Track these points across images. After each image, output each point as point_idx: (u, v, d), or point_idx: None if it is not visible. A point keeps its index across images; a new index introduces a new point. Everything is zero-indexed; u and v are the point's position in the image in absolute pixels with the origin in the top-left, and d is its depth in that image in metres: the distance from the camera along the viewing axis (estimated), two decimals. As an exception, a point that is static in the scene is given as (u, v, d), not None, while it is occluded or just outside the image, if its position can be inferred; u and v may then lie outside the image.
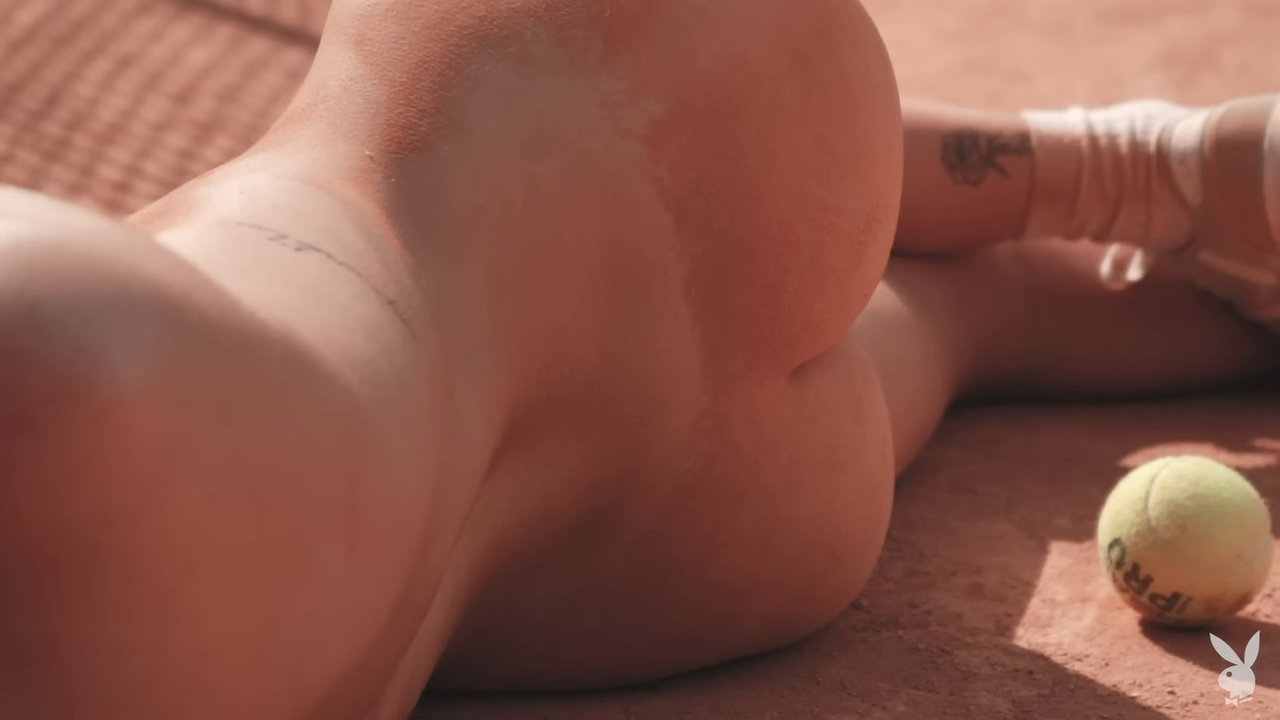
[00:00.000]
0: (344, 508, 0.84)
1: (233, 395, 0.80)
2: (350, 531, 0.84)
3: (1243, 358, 1.50)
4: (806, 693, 1.12)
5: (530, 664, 1.09)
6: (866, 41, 1.09)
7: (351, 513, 0.84)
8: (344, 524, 0.84)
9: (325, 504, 0.83)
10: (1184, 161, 1.41)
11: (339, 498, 0.84)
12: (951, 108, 1.45)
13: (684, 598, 1.08)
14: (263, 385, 0.82)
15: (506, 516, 1.02)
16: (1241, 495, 1.18)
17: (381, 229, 0.95)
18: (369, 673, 0.89)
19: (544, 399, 1.01)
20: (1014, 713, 1.11)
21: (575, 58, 1.03)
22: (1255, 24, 2.52)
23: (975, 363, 1.46)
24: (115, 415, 0.77)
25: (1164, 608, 1.18)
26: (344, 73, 1.02)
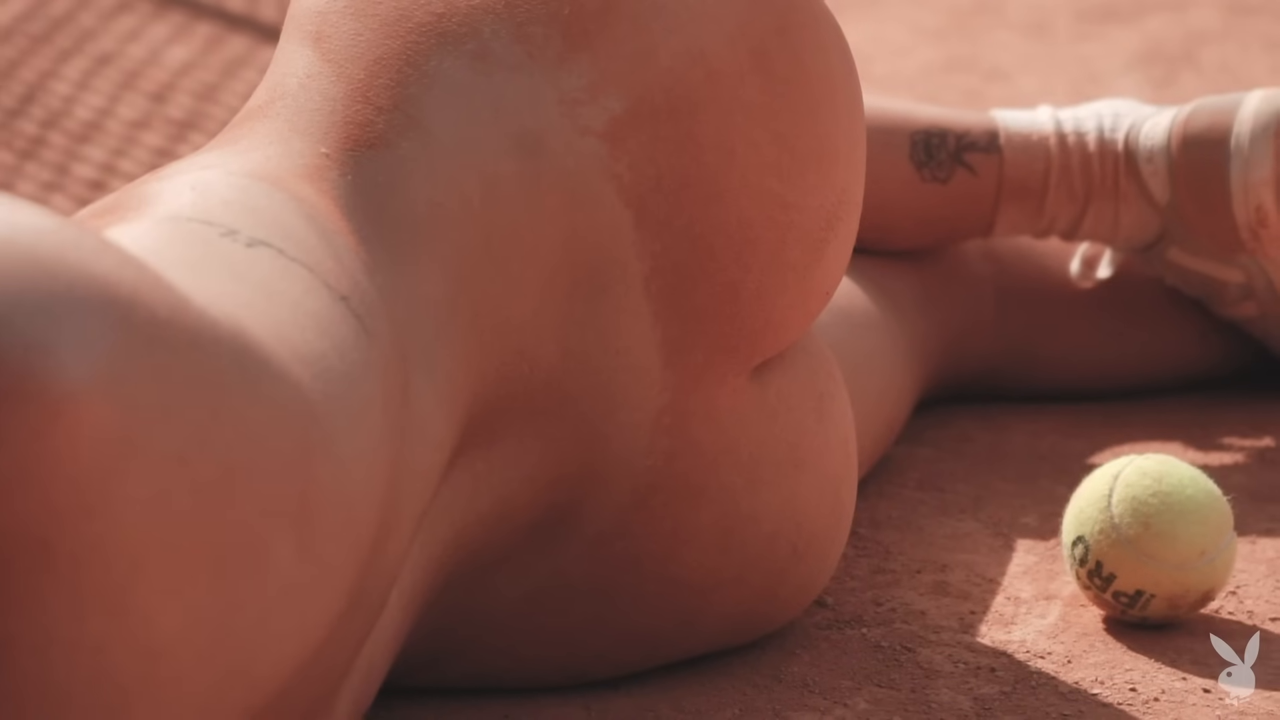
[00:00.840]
0: (295, 505, 0.84)
1: (182, 392, 0.80)
2: (302, 529, 0.84)
3: (1212, 355, 1.50)
4: (769, 690, 1.12)
5: (491, 662, 1.08)
6: (828, 39, 1.09)
7: (303, 510, 0.84)
8: (295, 521, 0.84)
9: (276, 501, 0.83)
10: (1151, 160, 1.41)
11: (290, 495, 0.84)
12: (920, 105, 1.45)
13: (645, 595, 1.08)
14: (213, 382, 0.82)
15: (465, 514, 1.02)
16: (1204, 493, 1.18)
17: (336, 225, 0.95)
18: (322, 670, 0.89)
19: (503, 396, 1.01)
20: (975, 710, 1.11)
21: (534, 55, 1.03)
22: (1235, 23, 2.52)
23: (945, 360, 1.46)
24: (64, 413, 0.76)
25: (1127, 605, 1.18)
26: (301, 70, 1.02)
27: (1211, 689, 1.13)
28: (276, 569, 0.83)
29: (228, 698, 0.83)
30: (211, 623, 0.81)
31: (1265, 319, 1.45)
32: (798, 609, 1.15)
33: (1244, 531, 1.30)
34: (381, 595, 0.93)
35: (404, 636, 1.01)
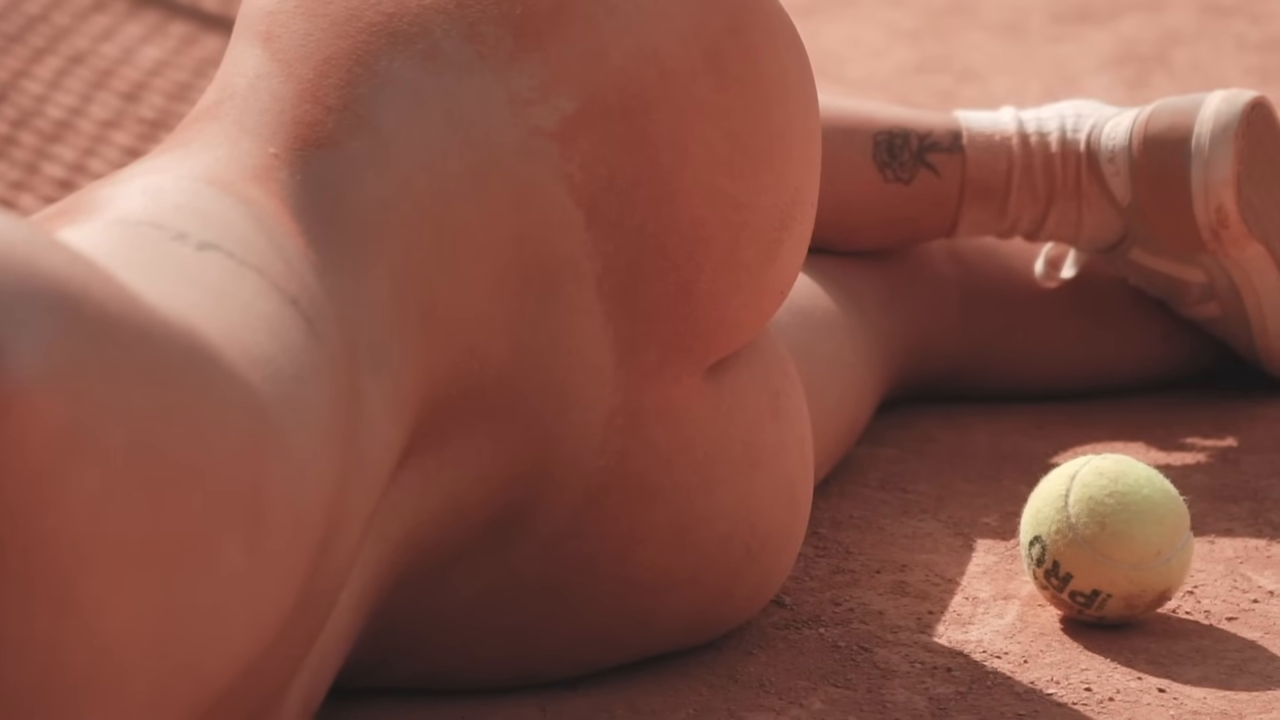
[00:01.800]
0: (245, 504, 0.84)
1: (132, 389, 0.80)
2: (251, 527, 0.84)
3: (1176, 356, 1.50)
4: (724, 690, 1.12)
5: (445, 662, 1.08)
6: (781, 39, 1.09)
7: (253, 509, 0.84)
8: (245, 520, 0.84)
9: (226, 499, 0.83)
10: (1113, 160, 1.41)
11: (240, 493, 0.84)
12: (883, 106, 1.45)
13: (599, 595, 1.08)
14: (163, 379, 0.82)
15: (417, 513, 1.02)
16: (1161, 493, 1.18)
17: (285, 227, 0.95)
18: (271, 669, 0.89)
19: (454, 396, 1.01)
20: (930, 710, 1.11)
21: (485, 55, 1.03)
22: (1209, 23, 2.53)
23: (909, 361, 1.46)
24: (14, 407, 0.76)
25: (1084, 605, 1.18)
26: (251, 70, 1.02)
27: (1166, 689, 1.13)
28: (226, 566, 0.83)
29: (177, 693, 0.83)
30: (161, 619, 0.81)
31: (1227, 319, 1.45)
32: (754, 609, 1.15)
33: (1203, 531, 1.30)
34: (331, 595, 0.93)
35: (355, 636, 1.01)
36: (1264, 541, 1.29)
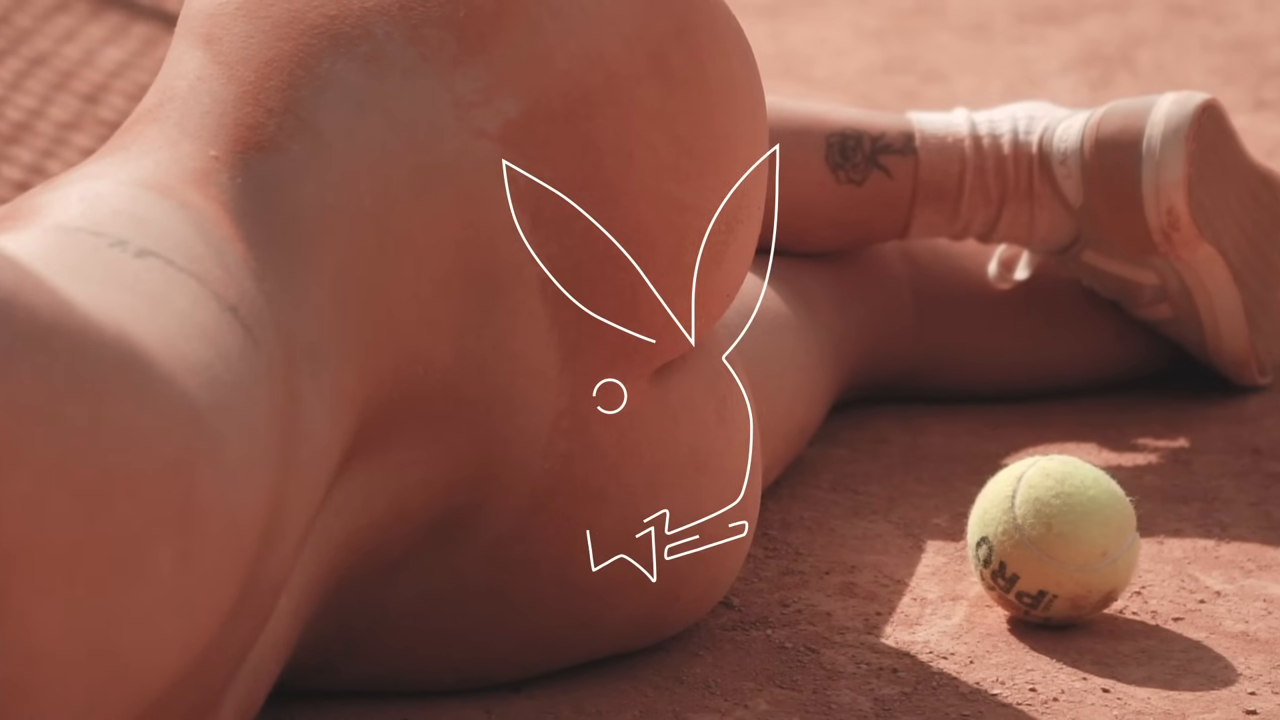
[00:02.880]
0: (178, 512, 0.84)
1: (63, 395, 0.80)
2: (184, 534, 0.84)
3: (1130, 357, 1.50)
4: (670, 692, 1.12)
5: (390, 664, 1.08)
6: (728, 42, 1.09)
7: (185, 517, 0.84)
8: (178, 527, 0.84)
9: (158, 507, 0.83)
10: (1065, 162, 1.41)
11: (173, 501, 0.84)
12: (836, 107, 1.45)
13: (544, 598, 1.08)
14: (95, 386, 0.82)
15: (360, 517, 1.02)
16: (1107, 494, 1.19)
17: (224, 232, 0.95)
18: (206, 676, 0.89)
19: (397, 400, 1.01)
20: (875, 710, 1.11)
21: (429, 57, 1.03)
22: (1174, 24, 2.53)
23: (862, 362, 1.46)
24: None
25: (1030, 606, 1.18)
26: (192, 72, 1.02)
27: (1111, 689, 1.13)
28: (158, 575, 0.83)
29: (110, 700, 0.83)
30: (91, 627, 0.81)
31: (1180, 321, 1.46)
32: (700, 612, 1.16)
33: (1153, 532, 1.31)
34: (268, 601, 0.93)
35: (295, 640, 1.01)
36: (1213, 542, 1.30)
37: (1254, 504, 1.34)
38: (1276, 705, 1.12)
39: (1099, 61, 2.40)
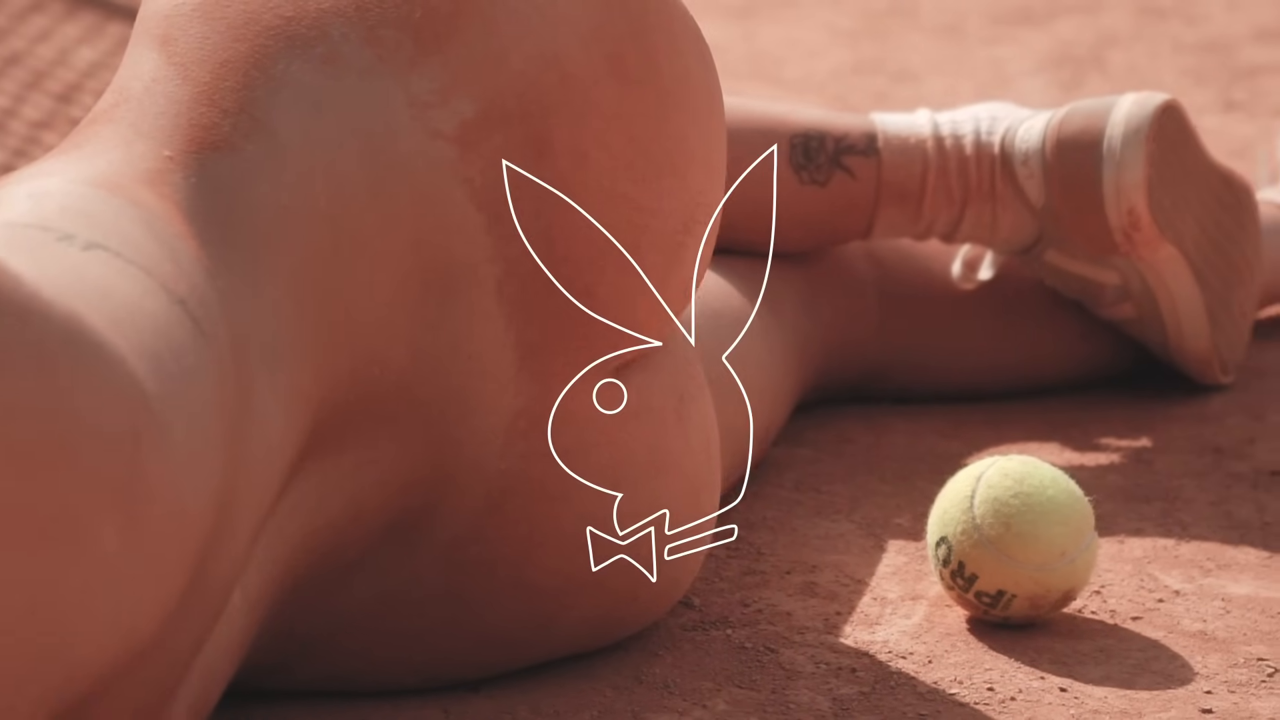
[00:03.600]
0: (121, 489, 0.84)
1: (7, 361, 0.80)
2: (127, 514, 0.84)
3: (1094, 357, 1.51)
4: (629, 691, 1.13)
5: (348, 665, 1.09)
6: (685, 43, 1.09)
7: (129, 495, 0.84)
8: (121, 505, 0.84)
9: (100, 481, 0.83)
10: (1027, 163, 1.42)
11: (116, 478, 0.83)
12: (800, 108, 1.46)
13: (501, 599, 1.08)
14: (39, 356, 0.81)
15: (315, 516, 1.02)
16: (1065, 494, 1.19)
17: (176, 229, 0.95)
18: (154, 672, 0.89)
19: (353, 400, 1.01)
20: (833, 710, 1.11)
21: (385, 58, 1.03)
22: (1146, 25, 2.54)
23: (826, 362, 1.47)
24: None
25: (989, 605, 1.19)
26: (147, 73, 1.02)
27: (1068, 688, 1.14)
28: (98, 550, 0.83)
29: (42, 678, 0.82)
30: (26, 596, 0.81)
31: (1142, 320, 1.46)
32: (659, 612, 1.16)
33: (1113, 531, 1.31)
34: (219, 597, 0.94)
35: (250, 640, 1.01)
36: (1173, 541, 1.30)
37: (1215, 503, 1.35)
38: (1232, 704, 1.12)
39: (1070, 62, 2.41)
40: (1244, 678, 1.15)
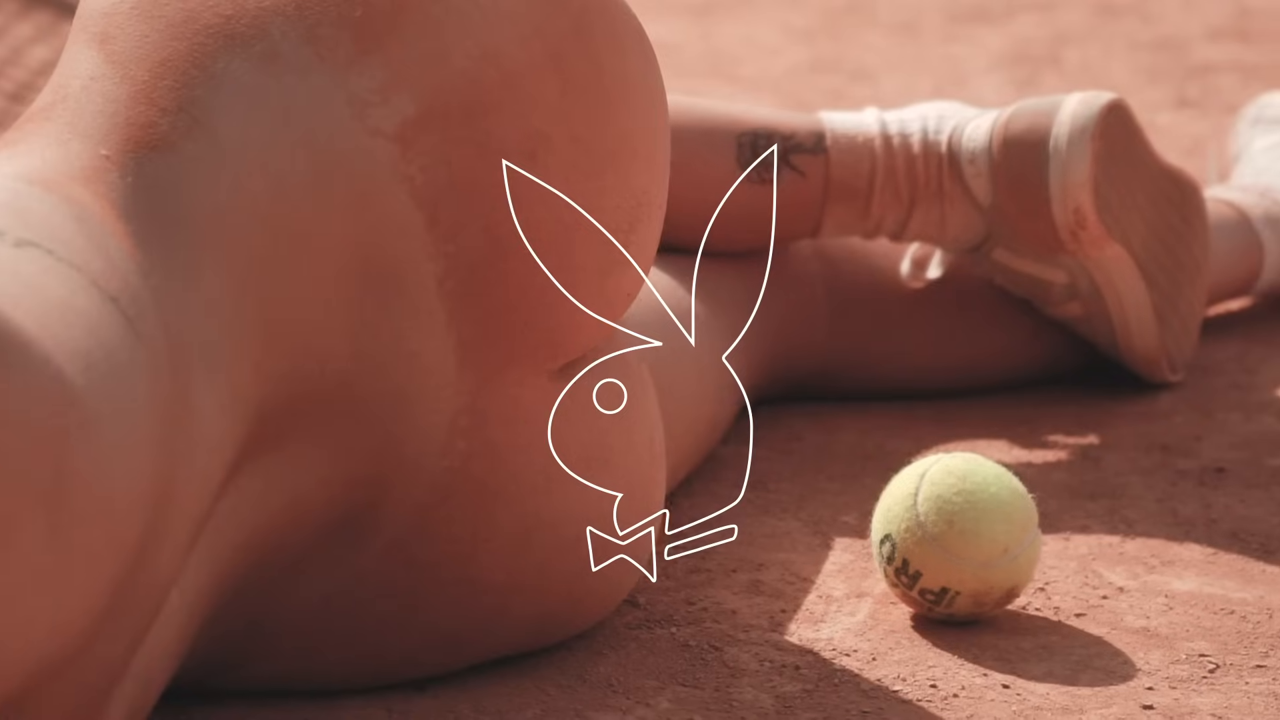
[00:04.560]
0: (48, 486, 0.83)
1: None
2: (54, 511, 0.84)
3: (1044, 355, 1.51)
4: (572, 690, 1.13)
5: (291, 664, 1.09)
6: (627, 40, 1.09)
7: (56, 492, 0.84)
8: (47, 502, 0.83)
9: (25, 478, 0.83)
10: (974, 161, 1.42)
11: (41, 475, 0.83)
12: (748, 107, 1.46)
13: (444, 598, 1.08)
14: None
15: (257, 516, 1.02)
16: (1009, 491, 1.19)
17: (110, 227, 0.95)
18: (87, 673, 0.89)
19: (293, 398, 1.01)
20: (776, 708, 1.12)
21: (324, 56, 1.03)
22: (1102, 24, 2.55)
23: (775, 361, 1.47)
24: None
25: (933, 602, 1.19)
26: (85, 71, 1.02)
27: (1011, 685, 1.14)
28: (24, 546, 0.83)
29: None
30: None
31: (1090, 319, 1.47)
32: (604, 611, 1.16)
33: (1059, 528, 1.31)
34: (156, 597, 0.93)
35: (190, 640, 1.01)
36: (1118, 538, 1.31)
37: (1160, 500, 1.35)
38: (1173, 700, 1.13)
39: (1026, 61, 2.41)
40: (1185, 674, 1.15)
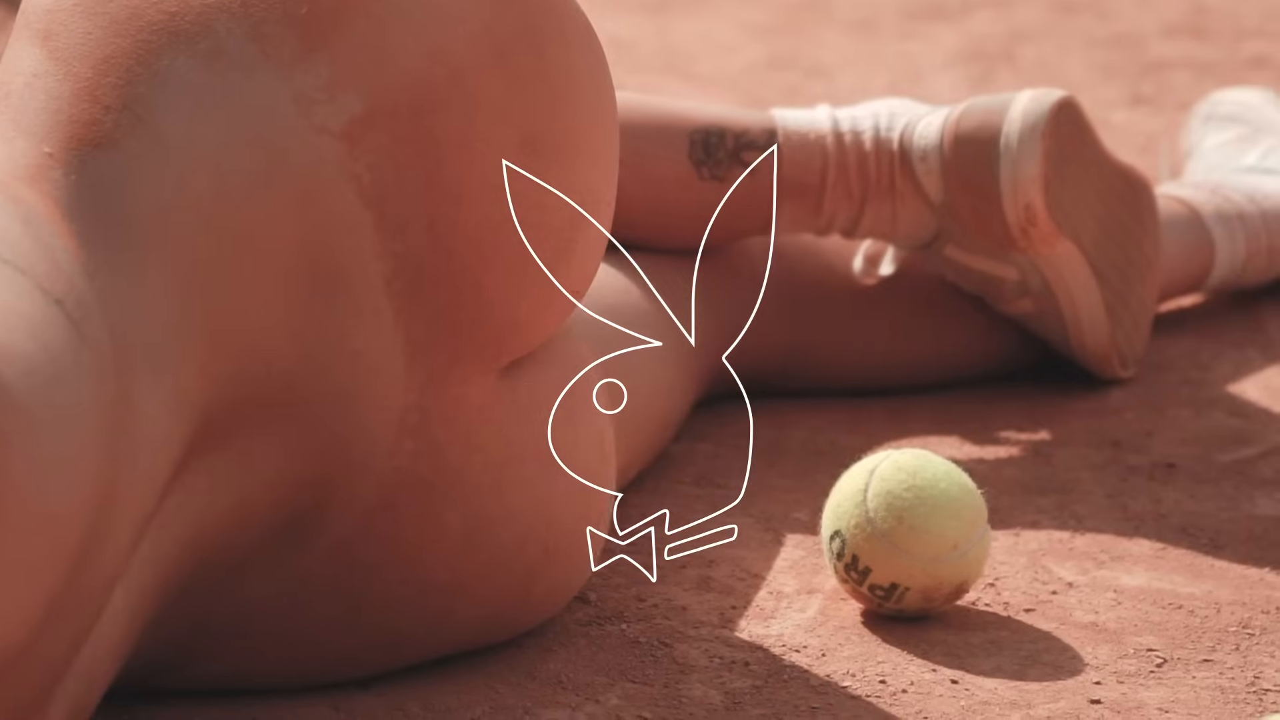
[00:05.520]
0: None
1: None
2: None
3: (996, 352, 1.52)
4: (521, 687, 1.13)
5: (238, 663, 1.08)
6: (575, 38, 1.09)
7: None
8: None
9: None
10: (925, 159, 1.42)
11: None
12: (700, 104, 1.46)
13: (391, 597, 1.08)
14: None
15: (203, 515, 1.02)
16: (958, 487, 1.20)
17: (55, 227, 0.95)
18: (28, 672, 0.89)
19: (239, 399, 1.01)
20: (725, 704, 1.12)
21: (270, 54, 1.02)
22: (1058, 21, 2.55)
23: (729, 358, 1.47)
24: None
25: (883, 598, 1.19)
26: (28, 68, 1.01)
27: (960, 680, 1.14)
28: None
29: None
30: None
31: (1042, 316, 1.47)
32: (555, 608, 1.16)
33: (1009, 524, 1.32)
34: (98, 599, 0.93)
35: (134, 640, 1.01)
36: (1068, 534, 1.31)
37: (1110, 496, 1.36)
38: (1121, 694, 1.13)
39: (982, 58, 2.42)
40: (1133, 668, 1.16)
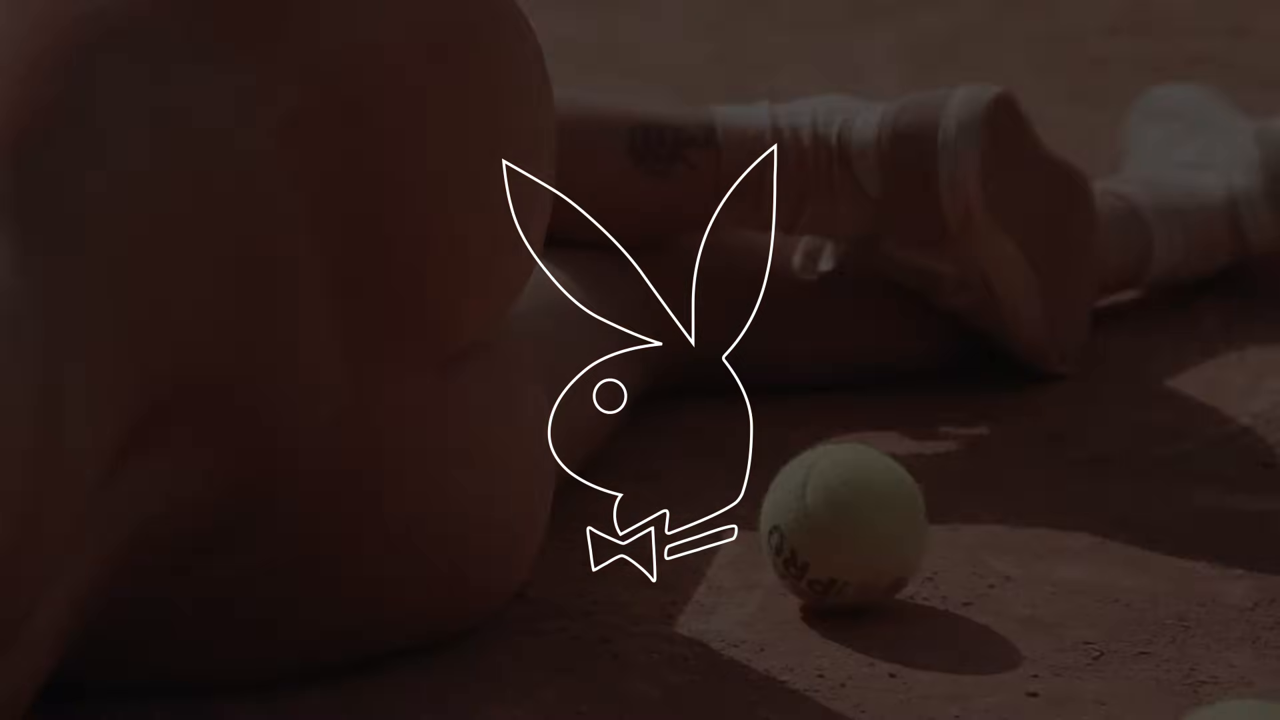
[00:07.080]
0: None
1: None
2: None
3: (934, 347, 1.52)
4: (460, 684, 1.13)
5: (181, 659, 1.08)
6: (510, 34, 1.10)
7: None
8: None
9: None
10: (864, 155, 1.43)
11: None
12: (640, 100, 1.46)
13: (330, 595, 1.08)
14: None
15: (144, 511, 1.02)
16: (896, 482, 1.20)
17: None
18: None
19: (174, 397, 1.01)
20: (663, 699, 1.12)
21: (207, 48, 1.02)
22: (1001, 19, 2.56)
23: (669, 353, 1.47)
24: None
25: (821, 592, 1.20)
26: (-43, 66, 1.01)
27: (898, 673, 1.15)
28: None
29: None
30: None
31: (980, 310, 1.48)
32: (494, 605, 1.16)
33: (947, 518, 1.32)
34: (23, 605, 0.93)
35: (66, 641, 1.00)
36: (1006, 528, 1.32)
37: (1049, 490, 1.37)
38: (1058, 687, 1.14)
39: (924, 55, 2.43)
40: (1070, 661, 1.16)
